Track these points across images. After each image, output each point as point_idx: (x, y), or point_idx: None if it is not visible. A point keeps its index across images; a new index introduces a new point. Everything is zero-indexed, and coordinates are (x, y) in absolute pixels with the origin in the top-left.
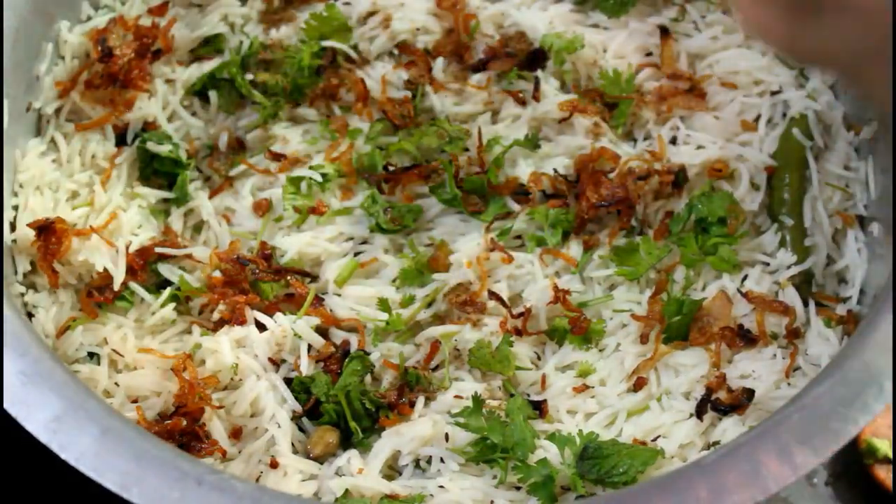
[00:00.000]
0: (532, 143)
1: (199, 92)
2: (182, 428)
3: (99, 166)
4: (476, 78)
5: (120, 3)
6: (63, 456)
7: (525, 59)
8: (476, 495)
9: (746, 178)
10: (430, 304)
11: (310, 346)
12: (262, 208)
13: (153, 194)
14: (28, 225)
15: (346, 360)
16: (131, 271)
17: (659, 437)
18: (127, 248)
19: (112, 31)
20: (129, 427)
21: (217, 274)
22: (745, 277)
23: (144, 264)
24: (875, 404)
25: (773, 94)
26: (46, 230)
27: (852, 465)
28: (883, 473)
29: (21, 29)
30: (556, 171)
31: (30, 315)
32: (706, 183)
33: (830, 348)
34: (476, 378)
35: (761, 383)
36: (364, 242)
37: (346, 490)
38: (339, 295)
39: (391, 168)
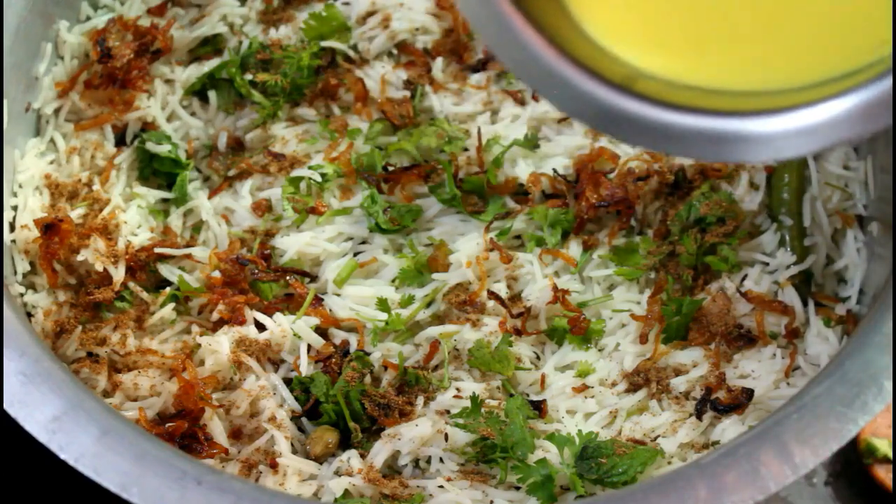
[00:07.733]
0: (531, 143)
1: (198, 92)
2: (183, 430)
3: (98, 166)
4: (475, 78)
5: (119, 3)
6: (62, 456)
7: None
8: (475, 495)
9: (746, 178)
10: (429, 304)
11: (309, 347)
12: (262, 208)
13: (152, 194)
14: (35, 221)
15: (346, 360)
16: (130, 271)
17: (658, 436)
18: (126, 248)
19: (111, 32)
20: (128, 427)
21: (216, 274)
22: (744, 277)
23: (144, 264)
24: (875, 404)
25: None
26: (51, 229)
27: (852, 464)
28: (882, 473)
29: (20, 29)
30: (555, 171)
31: (29, 315)
32: (706, 183)
33: (830, 348)
34: (475, 378)
35: (761, 383)
36: (363, 242)
37: (346, 490)
38: (339, 295)
39: (390, 168)
